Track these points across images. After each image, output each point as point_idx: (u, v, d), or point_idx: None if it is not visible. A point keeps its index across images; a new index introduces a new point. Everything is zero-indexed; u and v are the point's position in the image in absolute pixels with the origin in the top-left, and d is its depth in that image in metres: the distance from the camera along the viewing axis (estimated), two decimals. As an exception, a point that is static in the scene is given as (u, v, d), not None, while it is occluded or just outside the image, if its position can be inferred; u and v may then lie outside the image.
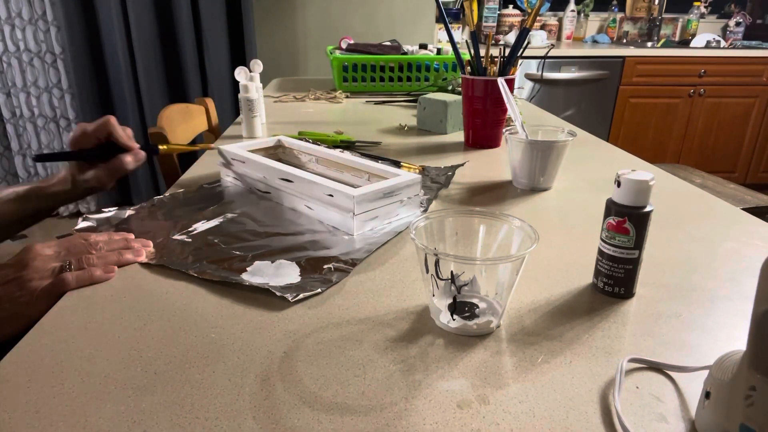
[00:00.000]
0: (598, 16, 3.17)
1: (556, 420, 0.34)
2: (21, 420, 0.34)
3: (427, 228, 0.46)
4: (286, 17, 2.60)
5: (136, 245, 0.56)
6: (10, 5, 2.30)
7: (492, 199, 0.74)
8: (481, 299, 0.45)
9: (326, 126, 1.16)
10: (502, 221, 0.46)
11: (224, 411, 0.35)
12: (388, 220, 0.64)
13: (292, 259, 0.55)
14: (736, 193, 1.61)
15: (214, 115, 1.43)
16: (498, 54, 0.97)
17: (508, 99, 0.81)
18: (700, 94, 2.76)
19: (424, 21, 2.69)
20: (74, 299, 0.48)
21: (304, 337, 0.43)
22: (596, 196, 0.74)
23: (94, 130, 0.67)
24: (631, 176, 0.45)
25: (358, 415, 0.35)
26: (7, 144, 2.58)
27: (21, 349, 0.41)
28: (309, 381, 0.38)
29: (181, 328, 0.44)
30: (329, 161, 0.78)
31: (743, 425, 0.28)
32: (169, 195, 0.74)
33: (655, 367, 0.39)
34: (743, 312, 0.47)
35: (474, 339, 0.43)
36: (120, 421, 0.34)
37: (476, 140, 1.00)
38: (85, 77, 2.36)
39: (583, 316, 0.46)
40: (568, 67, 2.65)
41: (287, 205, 0.70)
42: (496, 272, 0.44)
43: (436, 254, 0.41)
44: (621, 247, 0.46)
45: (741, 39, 3.13)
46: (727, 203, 0.73)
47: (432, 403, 0.36)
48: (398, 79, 1.58)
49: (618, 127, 2.80)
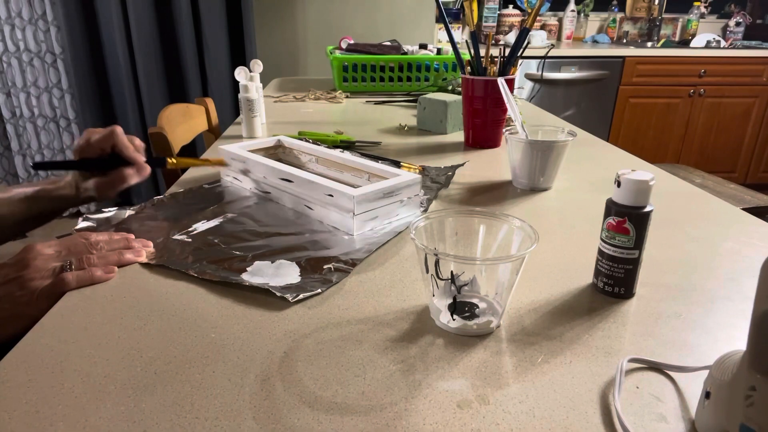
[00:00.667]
0: (598, 16, 3.17)
1: (556, 420, 0.34)
2: (21, 420, 0.34)
3: (427, 228, 0.46)
4: (286, 17, 2.60)
5: (137, 245, 0.56)
6: (10, 5, 2.30)
7: (492, 199, 0.74)
8: (481, 299, 0.45)
9: (326, 126, 1.16)
10: (502, 221, 0.46)
11: (224, 411, 0.35)
12: (388, 220, 0.64)
13: (292, 259, 0.55)
14: (736, 193, 1.61)
15: (214, 115, 1.43)
16: (498, 54, 0.97)
17: (508, 99, 0.81)
18: (700, 94, 2.76)
19: (424, 21, 2.69)
20: (74, 299, 0.48)
21: (304, 337, 0.43)
22: (596, 196, 0.74)
23: (99, 141, 0.65)
24: (631, 176, 0.45)
25: (358, 414, 0.35)
26: (7, 144, 2.58)
27: (21, 349, 0.41)
28: (309, 381, 0.38)
29: (181, 328, 0.44)
30: (329, 161, 0.78)
31: (743, 425, 0.28)
32: (169, 195, 0.74)
33: (655, 367, 0.39)
34: (743, 312, 0.47)
35: (474, 339, 0.43)
36: (120, 421, 0.34)
37: (476, 140, 1.00)
38: (85, 77, 2.36)
39: (583, 316, 0.46)
40: (568, 67, 2.65)
41: (287, 205, 0.70)
42: (496, 272, 0.44)
43: (437, 254, 0.41)
44: (621, 247, 0.46)
45: (741, 39, 3.13)
46: (727, 203, 0.73)
47: (432, 403, 0.36)
48: (398, 79, 1.58)
49: (618, 127, 2.80)
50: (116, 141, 0.65)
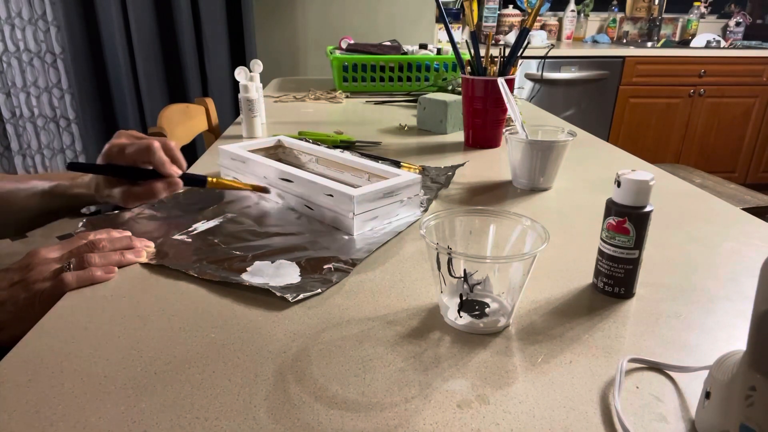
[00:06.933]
0: (598, 16, 3.17)
1: (556, 420, 0.34)
2: (21, 420, 0.34)
3: (438, 227, 0.46)
4: (286, 17, 2.60)
5: (138, 244, 0.56)
6: (10, 5, 2.30)
7: (492, 199, 0.74)
8: (494, 299, 0.45)
9: (326, 126, 1.16)
10: (513, 221, 0.46)
11: (224, 411, 0.35)
12: (388, 220, 0.64)
13: (292, 259, 0.55)
14: (736, 193, 1.61)
15: (214, 115, 1.43)
16: (498, 54, 0.97)
17: (508, 99, 0.81)
18: (700, 94, 2.76)
19: (424, 21, 2.69)
20: (74, 299, 0.48)
21: (303, 337, 0.43)
22: (596, 196, 0.74)
23: (133, 153, 0.62)
24: (631, 176, 0.45)
25: (358, 414, 0.35)
26: (7, 144, 2.58)
27: (21, 349, 0.41)
28: (309, 381, 0.38)
29: (181, 328, 0.44)
30: (329, 161, 0.78)
31: (743, 425, 0.28)
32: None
33: (655, 367, 0.39)
34: (743, 312, 0.47)
35: (474, 339, 0.43)
36: (120, 421, 0.34)
37: (476, 140, 1.00)
38: (85, 77, 2.36)
39: (583, 316, 0.46)
40: (568, 67, 2.65)
41: (287, 205, 0.70)
42: (508, 272, 0.44)
43: (449, 253, 0.41)
44: (621, 247, 0.46)
45: (741, 39, 3.13)
46: (727, 203, 0.73)
47: (432, 403, 0.36)
48: (398, 79, 1.58)
49: (618, 127, 2.80)
50: (153, 158, 0.62)
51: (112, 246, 0.54)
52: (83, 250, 0.53)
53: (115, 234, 0.57)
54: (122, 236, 0.57)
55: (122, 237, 0.56)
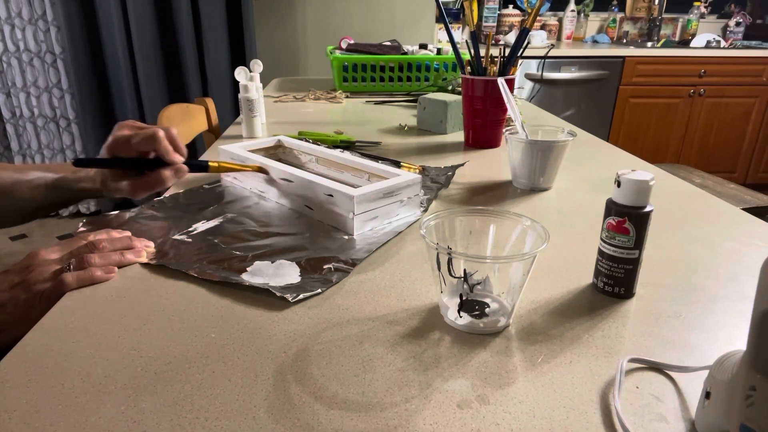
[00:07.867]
0: (598, 16, 3.18)
1: (556, 420, 0.34)
2: (21, 420, 0.34)
3: (438, 227, 0.46)
4: (286, 17, 2.60)
5: (138, 244, 0.56)
6: (10, 5, 2.30)
7: (492, 200, 0.74)
8: (494, 299, 0.45)
9: (326, 126, 1.16)
10: (513, 221, 0.46)
11: (224, 411, 0.35)
12: (388, 220, 0.64)
13: (292, 259, 0.55)
14: (736, 193, 1.61)
15: (214, 115, 1.43)
16: (498, 54, 0.97)
17: (508, 99, 0.81)
18: (700, 94, 2.76)
19: (424, 21, 2.69)
20: (74, 299, 0.48)
21: (304, 337, 0.43)
22: (596, 196, 0.74)
23: (139, 144, 0.62)
24: (631, 176, 0.45)
25: (358, 414, 0.35)
26: (7, 144, 2.58)
27: (21, 349, 0.41)
28: (309, 381, 0.38)
29: (181, 328, 0.44)
30: (329, 161, 0.78)
31: (743, 425, 0.28)
32: (169, 195, 0.74)
33: (655, 367, 0.39)
34: (743, 312, 0.47)
35: (474, 339, 0.43)
36: (120, 421, 0.34)
37: (476, 140, 1.00)
38: (85, 77, 2.36)
39: (583, 316, 0.46)
40: (568, 67, 2.65)
41: (287, 205, 0.70)
42: (508, 272, 0.44)
43: (449, 253, 0.41)
44: (621, 247, 0.46)
45: (741, 39, 3.13)
46: (727, 203, 0.73)
47: (432, 403, 0.36)
48: (398, 79, 1.58)
49: (618, 127, 2.80)
50: (158, 146, 0.62)
51: (112, 246, 0.54)
52: (83, 251, 0.53)
53: (115, 234, 0.57)
54: (122, 236, 0.57)
55: (122, 237, 0.56)
